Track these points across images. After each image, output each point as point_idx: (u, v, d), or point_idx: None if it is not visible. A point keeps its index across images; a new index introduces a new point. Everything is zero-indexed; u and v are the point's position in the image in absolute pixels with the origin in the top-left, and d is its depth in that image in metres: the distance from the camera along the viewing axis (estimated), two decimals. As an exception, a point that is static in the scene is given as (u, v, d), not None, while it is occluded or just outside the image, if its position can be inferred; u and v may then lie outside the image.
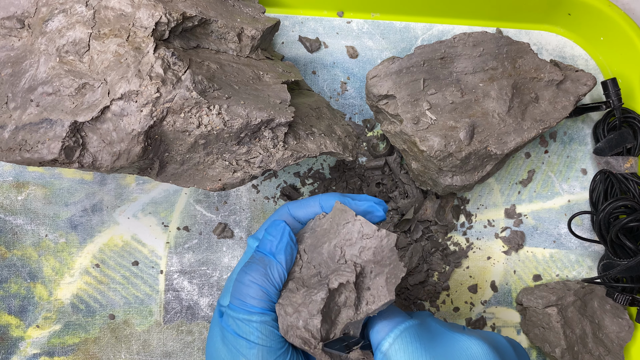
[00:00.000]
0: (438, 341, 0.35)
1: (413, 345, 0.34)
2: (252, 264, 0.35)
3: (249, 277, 0.35)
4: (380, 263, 0.35)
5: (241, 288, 0.35)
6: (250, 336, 0.34)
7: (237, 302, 0.35)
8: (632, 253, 0.49)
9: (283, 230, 0.36)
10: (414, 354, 0.33)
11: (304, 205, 0.39)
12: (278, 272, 0.35)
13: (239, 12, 0.44)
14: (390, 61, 0.46)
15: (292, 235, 0.36)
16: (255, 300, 0.34)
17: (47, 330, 0.49)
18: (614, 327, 0.50)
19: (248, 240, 0.39)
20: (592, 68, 0.55)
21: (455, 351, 0.34)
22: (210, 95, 0.38)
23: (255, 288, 0.34)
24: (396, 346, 0.34)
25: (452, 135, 0.44)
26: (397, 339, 0.34)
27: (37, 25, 0.39)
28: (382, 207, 0.38)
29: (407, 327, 0.35)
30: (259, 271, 0.35)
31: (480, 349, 0.34)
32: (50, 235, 0.50)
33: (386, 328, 0.35)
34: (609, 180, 0.51)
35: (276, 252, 0.36)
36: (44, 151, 0.36)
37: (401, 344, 0.34)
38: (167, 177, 0.41)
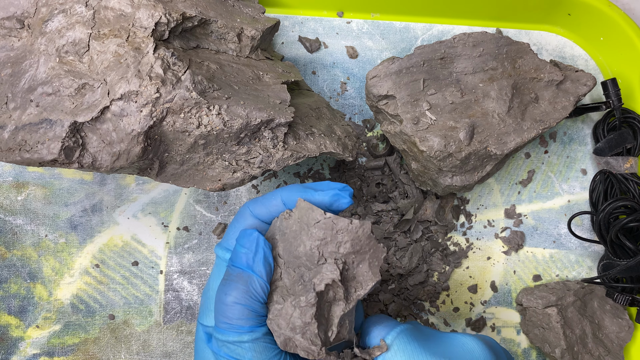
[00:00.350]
0: (433, 340, 0.36)
1: (411, 345, 0.34)
2: (230, 282, 0.34)
3: (231, 298, 0.33)
4: (360, 252, 0.34)
5: (225, 310, 0.33)
6: (244, 357, 0.33)
7: (223, 325, 0.33)
8: (632, 253, 0.49)
9: (257, 240, 0.34)
10: (413, 353, 0.34)
11: (265, 203, 0.37)
12: (260, 286, 0.34)
13: (239, 13, 0.44)
14: (390, 61, 0.46)
15: (267, 244, 0.35)
16: (242, 320, 0.33)
17: (46, 331, 0.49)
18: (613, 327, 0.50)
19: (216, 251, 0.37)
20: (592, 68, 0.55)
21: (452, 347, 0.35)
22: (210, 95, 0.38)
23: (239, 308, 0.33)
24: (395, 348, 0.34)
25: (452, 135, 0.44)
26: (395, 341, 0.35)
27: (37, 26, 0.39)
28: (347, 193, 0.36)
29: (402, 330, 0.35)
30: (240, 289, 0.33)
31: (475, 344, 0.35)
32: (50, 235, 0.50)
33: (382, 332, 0.36)
34: (609, 180, 0.51)
35: (254, 266, 0.34)
36: (44, 151, 0.36)
37: (399, 345, 0.34)
38: (166, 178, 0.41)
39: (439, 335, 0.37)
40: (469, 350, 0.35)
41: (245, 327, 0.33)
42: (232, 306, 0.33)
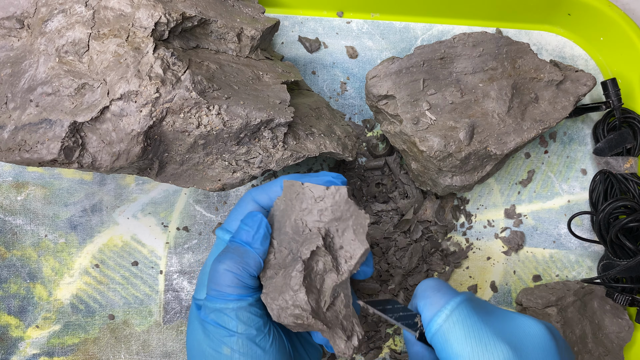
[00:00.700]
0: (495, 316, 0.33)
1: (471, 319, 0.32)
2: (226, 253, 0.36)
3: (224, 266, 0.35)
4: (341, 219, 0.35)
5: (216, 277, 0.35)
6: (229, 324, 0.34)
7: (213, 292, 0.35)
8: (631, 253, 0.49)
9: (260, 221, 0.36)
10: (473, 327, 0.32)
11: (267, 190, 0.39)
12: (254, 260, 0.35)
13: (239, 12, 0.44)
14: (390, 61, 0.46)
15: (268, 226, 0.36)
16: (231, 288, 0.34)
17: (46, 331, 0.49)
18: (613, 328, 0.50)
19: (217, 233, 0.39)
20: (591, 68, 0.55)
21: (514, 327, 0.33)
22: (210, 95, 0.38)
23: (230, 276, 0.34)
24: (453, 318, 0.32)
25: (451, 135, 0.44)
26: (454, 312, 0.32)
27: (37, 26, 0.39)
28: (339, 180, 0.38)
29: (463, 300, 0.33)
30: (234, 259, 0.35)
31: (539, 329, 0.33)
32: (49, 235, 0.50)
33: (441, 300, 0.33)
34: (609, 180, 0.51)
35: (252, 242, 0.36)
36: (44, 151, 0.36)
37: (459, 317, 0.32)
38: (166, 178, 0.41)
39: (499, 312, 0.34)
40: (532, 334, 0.32)
41: (232, 294, 0.34)
42: (224, 273, 0.34)
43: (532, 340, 0.32)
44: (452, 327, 0.32)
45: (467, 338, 0.32)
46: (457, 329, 0.32)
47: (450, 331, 0.32)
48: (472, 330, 0.32)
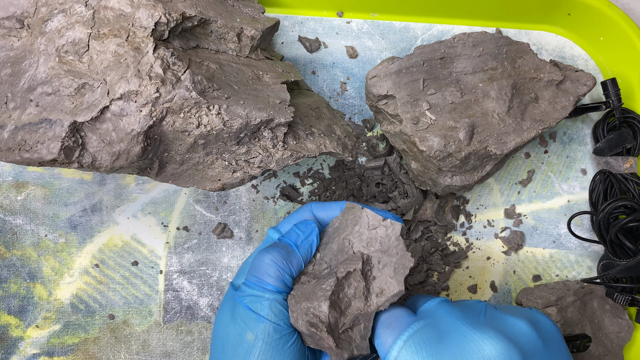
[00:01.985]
0: (448, 342, 0.32)
1: (419, 355, 0.32)
2: (275, 247, 0.37)
3: (270, 257, 0.36)
4: (387, 253, 0.35)
5: (260, 265, 0.36)
6: (261, 311, 0.35)
7: (253, 278, 0.36)
8: (631, 253, 0.49)
9: (312, 230, 0.38)
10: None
11: (326, 208, 0.41)
12: (297, 262, 0.37)
13: (239, 12, 0.44)
14: (389, 61, 0.46)
15: (318, 237, 0.38)
16: (272, 279, 0.36)
17: (46, 330, 0.49)
18: (613, 327, 0.50)
19: (268, 231, 0.41)
20: (591, 68, 0.55)
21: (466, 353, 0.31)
22: (210, 95, 0.38)
23: (274, 267, 0.36)
24: (403, 357, 0.32)
25: (451, 135, 0.44)
26: (403, 350, 0.32)
27: (37, 25, 0.39)
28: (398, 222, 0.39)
29: (412, 334, 0.33)
30: (281, 254, 0.36)
31: (494, 349, 0.31)
32: (49, 235, 0.50)
33: (391, 337, 0.33)
34: (609, 180, 0.51)
35: (300, 245, 0.37)
36: (44, 151, 0.36)
37: (407, 354, 0.32)
38: (166, 177, 0.41)
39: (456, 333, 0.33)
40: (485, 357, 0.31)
41: (270, 285, 0.36)
42: (268, 263, 0.36)
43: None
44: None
45: None
46: None
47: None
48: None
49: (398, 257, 0.35)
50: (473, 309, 0.35)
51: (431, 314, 0.34)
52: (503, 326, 0.33)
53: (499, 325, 0.33)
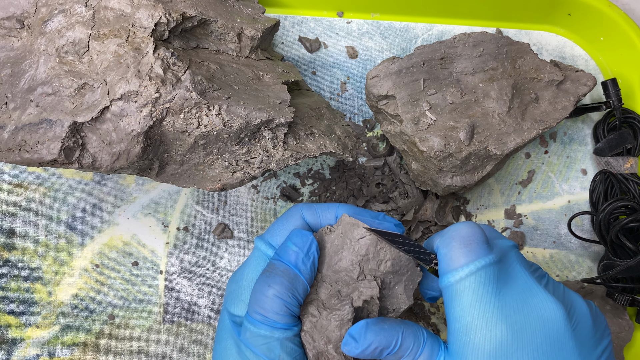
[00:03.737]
0: (513, 289, 0.31)
1: (485, 288, 0.30)
2: (275, 276, 0.33)
3: (273, 291, 0.32)
4: (398, 272, 0.34)
5: (264, 301, 0.32)
6: (272, 353, 0.32)
7: (258, 316, 0.33)
8: (632, 253, 0.49)
9: (310, 243, 0.34)
10: (483, 297, 0.30)
11: (319, 213, 0.37)
12: (303, 287, 0.33)
13: (239, 13, 0.44)
14: (390, 61, 0.46)
15: (318, 251, 0.34)
16: (279, 316, 0.32)
17: (46, 331, 0.49)
18: (614, 327, 0.50)
19: (257, 243, 0.37)
20: (592, 68, 0.55)
21: (527, 306, 0.31)
22: (210, 95, 0.38)
23: (279, 303, 0.32)
24: (467, 283, 0.31)
25: (452, 135, 0.44)
26: (471, 276, 0.31)
27: (37, 26, 0.39)
28: (400, 230, 0.36)
29: (485, 266, 0.31)
30: (284, 285, 0.32)
31: (554, 313, 0.31)
32: (49, 235, 0.50)
33: (463, 258, 0.31)
34: (609, 180, 0.51)
35: (302, 267, 0.33)
36: (44, 151, 0.36)
37: (473, 282, 0.31)
38: (166, 178, 0.41)
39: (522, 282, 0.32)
40: (545, 318, 0.30)
41: (279, 323, 0.32)
42: (273, 299, 0.32)
43: (541, 325, 0.30)
44: (462, 291, 0.31)
45: (471, 307, 0.30)
46: (465, 294, 0.31)
47: (458, 294, 0.31)
48: (479, 302, 0.30)
49: (408, 275, 0.34)
50: (538, 272, 0.34)
51: (504, 254, 0.33)
52: (565, 298, 0.33)
53: (562, 296, 0.33)
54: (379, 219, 0.36)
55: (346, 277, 0.34)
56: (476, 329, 0.30)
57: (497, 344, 0.30)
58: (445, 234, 0.33)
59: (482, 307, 0.30)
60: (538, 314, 0.31)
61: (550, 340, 0.30)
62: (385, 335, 0.32)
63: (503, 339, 0.30)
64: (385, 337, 0.32)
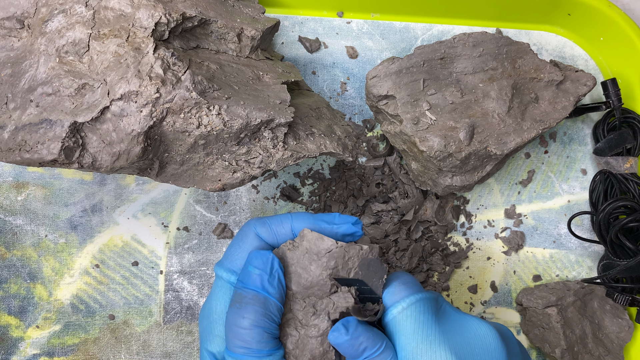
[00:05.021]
0: (448, 318, 0.35)
1: (424, 316, 0.34)
2: (246, 305, 0.33)
3: (249, 321, 0.32)
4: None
5: (242, 334, 0.32)
6: None
7: (240, 349, 0.32)
8: (632, 253, 0.49)
9: (272, 262, 0.34)
10: (424, 324, 0.33)
11: (273, 228, 0.36)
12: (276, 308, 0.33)
13: (239, 13, 0.44)
14: (390, 61, 0.46)
15: (281, 266, 0.34)
16: (262, 344, 0.32)
17: (46, 331, 0.49)
18: (613, 328, 0.50)
19: (217, 271, 0.36)
20: (592, 68, 0.55)
21: (464, 329, 0.34)
22: (210, 95, 0.38)
23: (258, 332, 0.32)
24: (408, 312, 0.34)
25: (452, 135, 0.44)
26: (411, 306, 0.34)
27: (37, 26, 0.39)
28: (359, 226, 0.36)
29: (422, 298, 0.34)
30: (258, 312, 0.32)
31: (488, 331, 0.34)
32: (50, 235, 0.50)
33: (403, 293, 0.35)
34: (609, 180, 0.51)
35: (270, 289, 0.33)
36: (44, 151, 0.36)
37: (413, 312, 0.34)
38: (166, 178, 0.41)
39: (454, 315, 0.36)
40: (481, 336, 0.34)
41: (264, 350, 0.32)
42: (251, 329, 0.32)
43: (481, 344, 0.34)
44: (404, 320, 0.33)
45: (414, 334, 0.33)
46: (408, 323, 0.33)
47: (401, 323, 0.33)
48: (421, 328, 0.33)
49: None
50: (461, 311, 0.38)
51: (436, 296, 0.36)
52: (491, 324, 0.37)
53: None
54: (336, 221, 0.36)
55: (319, 291, 0.34)
56: (422, 353, 0.33)
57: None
58: (388, 281, 0.36)
59: (424, 332, 0.33)
60: (475, 333, 0.34)
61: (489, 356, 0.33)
62: (373, 336, 0.33)
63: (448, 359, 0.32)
64: (372, 338, 0.33)
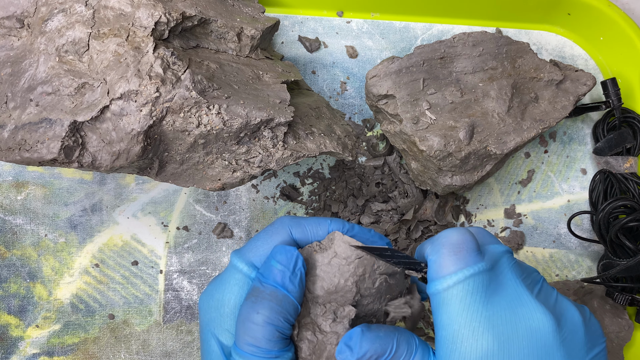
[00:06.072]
0: (502, 297, 0.31)
1: (472, 297, 0.30)
2: (262, 300, 0.31)
3: (263, 318, 0.31)
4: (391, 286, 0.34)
5: (254, 330, 0.31)
6: None
7: (250, 348, 0.31)
8: (631, 253, 0.49)
9: (296, 259, 0.32)
10: (470, 306, 0.30)
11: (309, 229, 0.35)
12: (293, 307, 0.32)
13: (239, 12, 0.44)
14: (389, 61, 0.46)
15: (305, 266, 0.32)
16: (272, 343, 0.31)
17: (46, 330, 0.49)
18: (613, 327, 0.50)
19: (235, 262, 0.34)
20: (591, 68, 0.55)
21: (516, 316, 0.30)
22: (210, 94, 0.38)
23: (271, 330, 0.31)
24: (454, 291, 0.30)
25: (451, 135, 0.44)
26: (459, 284, 0.30)
27: (37, 25, 0.39)
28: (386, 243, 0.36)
29: (474, 274, 0.30)
30: (274, 309, 0.31)
31: (543, 324, 0.30)
32: (49, 235, 0.50)
33: (452, 266, 0.31)
34: (609, 180, 0.51)
35: (290, 287, 0.32)
36: (44, 151, 0.36)
37: (461, 291, 0.30)
38: (166, 177, 0.41)
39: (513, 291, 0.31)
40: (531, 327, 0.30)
41: (273, 350, 0.31)
42: (264, 326, 0.31)
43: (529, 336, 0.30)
44: (450, 299, 0.30)
45: (458, 316, 0.30)
46: (453, 303, 0.30)
47: (445, 302, 0.30)
48: (466, 311, 0.30)
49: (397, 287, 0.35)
50: (532, 277, 0.33)
51: (495, 260, 0.32)
52: (557, 307, 0.32)
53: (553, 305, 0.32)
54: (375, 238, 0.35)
55: (341, 297, 0.33)
56: (462, 338, 0.30)
57: (483, 354, 0.29)
58: (435, 241, 0.32)
59: (469, 316, 0.30)
60: (526, 324, 0.30)
61: (537, 352, 0.30)
62: (380, 343, 0.31)
63: (489, 349, 0.29)
64: (380, 345, 0.31)
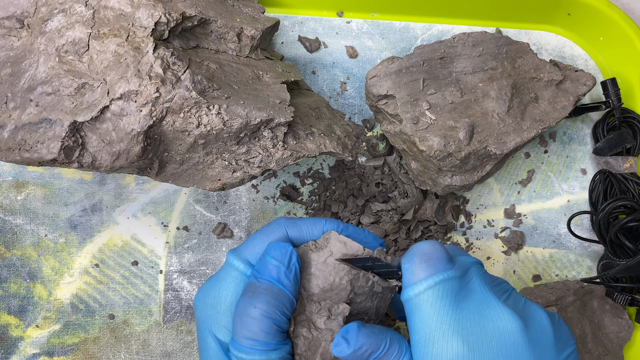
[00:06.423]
0: (471, 302, 0.32)
1: (443, 301, 0.31)
2: (259, 294, 0.32)
3: (260, 311, 0.31)
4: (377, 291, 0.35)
5: (251, 324, 0.31)
6: None
7: (248, 342, 0.31)
8: (631, 253, 0.49)
9: (290, 255, 0.33)
10: (440, 310, 0.31)
11: (304, 229, 0.36)
12: (289, 301, 0.32)
13: (239, 12, 0.44)
14: (389, 61, 0.46)
15: (299, 261, 0.33)
16: (270, 336, 0.31)
17: (46, 330, 0.49)
18: (613, 327, 0.50)
19: (231, 260, 0.35)
20: (591, 68, 0.55)
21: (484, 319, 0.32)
22: (210, 95, 0.38)
23: (268, 323, 0.31)
24: (425, 296, 0.32)
25: (451, 135, 0.44)
26: (430, 290, 0.32)
27: (37, 25, 0.39)
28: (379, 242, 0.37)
29: (444, 280, 0.32)
30: (271, 303, 0.32)
31: (510, 324, 0.31)
32: (49, 235, 0.50)
33: (423, 272, 0.32)
34: (609, 180, 0.52)
35: (285, 281, 0.32)
36: (44, 151, 0.36)
37: (431, 296, 0.32)
38: (166, 177, 0.41)
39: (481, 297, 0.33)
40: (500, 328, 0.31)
41: (271, 343, 0.31)
42: (261, 320, 0.31)
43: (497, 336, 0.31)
44: (421, 304, 0.32)
45: (429, 320, 0.31)
46: (424, 307, 0.32)
47: (417, 307, 0.32)
48: (437, 315, 0.31)
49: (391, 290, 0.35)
50: (501, 286, 0.35)
51: (465, 270, 0.34)
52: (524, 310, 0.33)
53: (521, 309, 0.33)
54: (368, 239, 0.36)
55: (336, 296, 0.34)
56: (434, 340, 0.31)
57: (453, 355, 0.31)
58: (409, 251, 0.34)
59: (440, 320, 0.31)
60: (494, 325, 0.31)
61: (506, 351, 0.31)
62: (375, 339, 0.32)
63: (459, 350, 0.31)
64: (375, 340, 0.32)
